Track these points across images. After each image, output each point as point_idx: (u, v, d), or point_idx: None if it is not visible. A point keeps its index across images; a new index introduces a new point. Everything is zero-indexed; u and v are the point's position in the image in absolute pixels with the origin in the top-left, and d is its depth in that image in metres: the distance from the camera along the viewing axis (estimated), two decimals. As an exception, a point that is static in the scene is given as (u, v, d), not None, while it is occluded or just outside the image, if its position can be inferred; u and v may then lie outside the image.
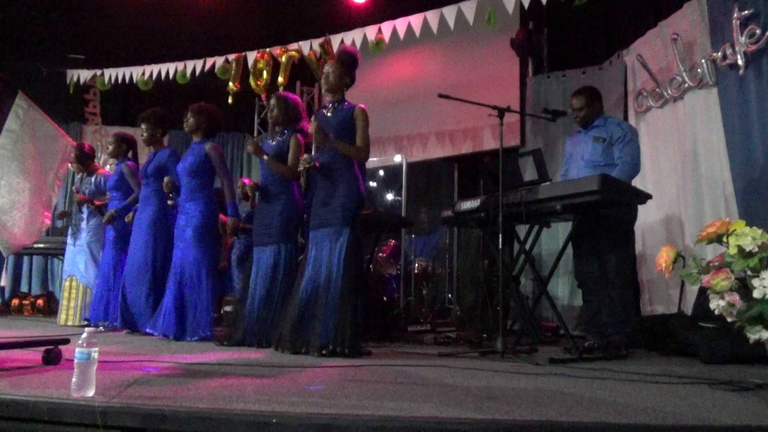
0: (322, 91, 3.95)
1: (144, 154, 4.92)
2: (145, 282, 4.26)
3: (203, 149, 4.07)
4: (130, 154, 4.98)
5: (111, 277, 4.68)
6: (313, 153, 3.58)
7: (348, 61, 3.46)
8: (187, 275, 3.91)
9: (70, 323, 4.84)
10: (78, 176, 5.14)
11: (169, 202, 4.31)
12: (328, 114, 3.42)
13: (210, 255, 4.02)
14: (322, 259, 3.21)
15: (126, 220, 4.65)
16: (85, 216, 5.03)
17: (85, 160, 5.20)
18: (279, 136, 3.77)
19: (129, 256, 4.46)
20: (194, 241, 3.95)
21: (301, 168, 3.42)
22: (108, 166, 5.31)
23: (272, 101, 3.83)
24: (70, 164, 5.20)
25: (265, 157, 3.64)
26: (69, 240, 5.13)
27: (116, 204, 4.80)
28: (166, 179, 4.14)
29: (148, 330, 4.03)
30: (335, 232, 3.21)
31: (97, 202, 4.98)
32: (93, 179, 5.13)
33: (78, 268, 4.95)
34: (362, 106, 3.39)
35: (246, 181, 5.49)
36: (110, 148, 4.99)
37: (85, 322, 4.71)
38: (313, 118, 3.41)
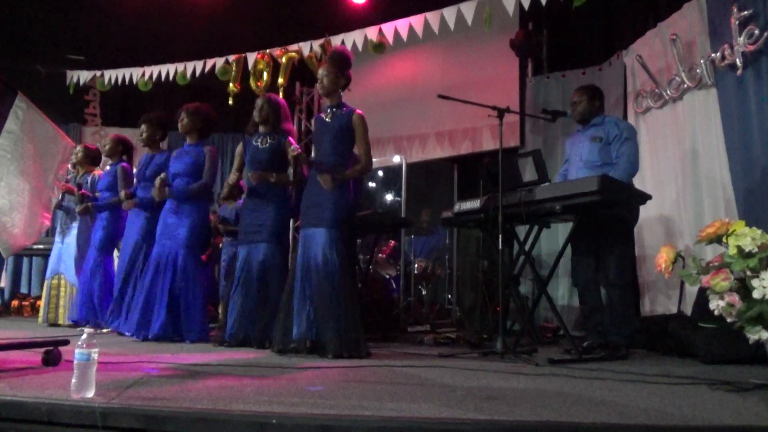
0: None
1: (137, 156, 4.93)
2: (130, 283, 4.29)
3: (202, 151, 4.09)
4: (125, 158, 4.99)
5: (91, 279, 4.68)
6: (312, 155, 3.57)
7: (340, 62, 3.44)
8: (180, 276, 3.89)
9: (60, 322, 4.83)
10: (71, 175, 5.14)
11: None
12: (327, 119, 3.40)
13: (200, 256, 4.12)
14: (317, 259, 3.19)
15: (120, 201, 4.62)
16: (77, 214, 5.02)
17: (92, 160, 5.22)
18: (270, 139, 3.75)
19: (121, 256, 4.48)
20: (188, 242, 3.96)
21: (290, 156, 3.39)
22: (108, 167, 5.31)
23: (260, 102, 3.82)
24: (73, 165, 5.21)
25: (272, 178, 3.64)
26: (57, 237, 5.14)
27: None
28: (162, 175, 4.11)
29: (145, 333, 3.96)
30: (327, 232, 3.20)
31: (82, 191, 4.95)
32: (89, 178, 5.13)
33: (67, 266, 4.95)
34: (360, 112, 3.36)
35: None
36: (106, 147, 5.01)
37: (72, 323, 4.74)
38: (313, 165, 3.36)
